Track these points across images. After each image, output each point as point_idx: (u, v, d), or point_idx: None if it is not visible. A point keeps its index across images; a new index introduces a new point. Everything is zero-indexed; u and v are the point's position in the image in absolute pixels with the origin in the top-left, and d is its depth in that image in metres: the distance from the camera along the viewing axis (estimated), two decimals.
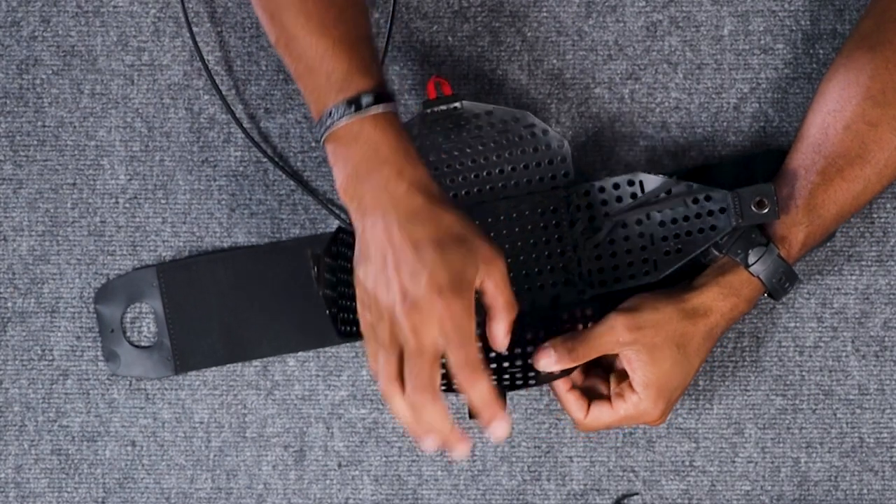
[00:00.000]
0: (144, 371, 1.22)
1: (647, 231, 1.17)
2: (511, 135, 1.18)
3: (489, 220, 1.19)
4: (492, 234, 1.18)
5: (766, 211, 1.14)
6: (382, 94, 1.05)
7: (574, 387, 1.16)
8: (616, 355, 1.14)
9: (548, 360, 1.12)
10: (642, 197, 1.17)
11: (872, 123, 1.13)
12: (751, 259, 1.14)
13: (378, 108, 1.04)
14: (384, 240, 1.03)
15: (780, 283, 1.15)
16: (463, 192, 1.19)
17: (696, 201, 1.16)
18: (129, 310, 1.22)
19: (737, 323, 1.22)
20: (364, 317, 1.06)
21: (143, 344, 1.22)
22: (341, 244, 1.14)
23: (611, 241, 1.18)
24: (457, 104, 1.17)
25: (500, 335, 1.06)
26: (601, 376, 1.17)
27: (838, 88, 1.14)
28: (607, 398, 1.15)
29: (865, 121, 1.13)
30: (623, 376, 1.14)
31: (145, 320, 1.23)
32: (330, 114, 1.05)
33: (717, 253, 1.15)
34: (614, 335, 1.12)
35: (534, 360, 1.13)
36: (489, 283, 1.05)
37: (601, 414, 1.14)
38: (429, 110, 1.16)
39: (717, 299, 1.14)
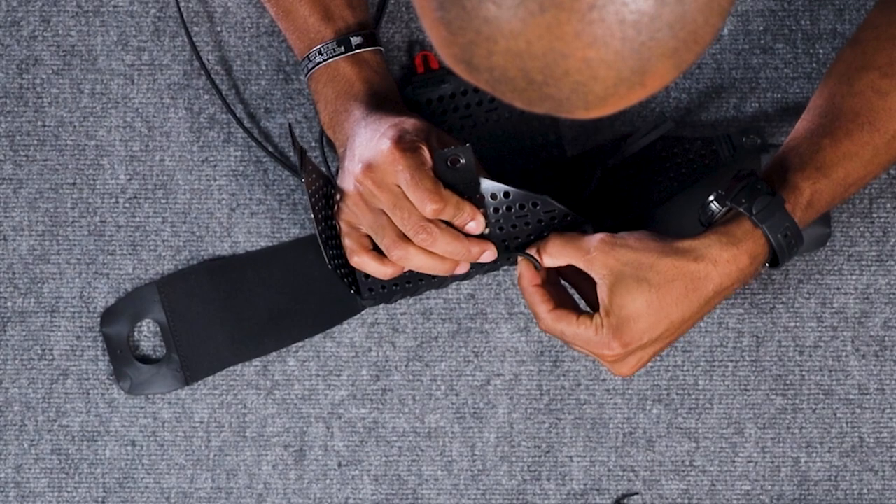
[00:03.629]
0: (157, 386, 1.21)
1: (639, 175, 1.18)
2: (500, 114, 1.19)
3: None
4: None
5: (754, 147, 1.18)
6: (371, 39, 1.12)
7: (545, 286, 1.11)
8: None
9: (529, 250, 1.10)
10: (632, 139, 1.18)
11: (881, 92, 1.09)
12: (755, 207, 1.06)
13: (353, 49, 1.12)
14: (353, 154, 1.09)
15: (787, 240, 1.07)
16: None
17: (685, 145, 1.17)
18: (133, 329, 1.22)
19: (737, 322, 1.22)
20: (346, 232, 1.12)
21: (151, 360, 1.22)
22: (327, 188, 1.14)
23: (605, 190, 1.18)
24: (444, 80, 1.19)
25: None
26: (546, 298, 1.11)
27: (845, 64, 1.11)
28: (571, 311, 1.09)
29: (874, 89, 1.09)
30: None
31: (151, 337, 1.23)
32: (309, 57, 1.13)
33: (717, 207, 1.08)
34: (589, 249, 1.07)
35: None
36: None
37: (564, 320, 1.08)
38: (417, 91, 1.18)
39: (712, 246, 1.06)
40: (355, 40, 1.12)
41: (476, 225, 1.09)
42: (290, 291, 1.21)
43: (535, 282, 1.10)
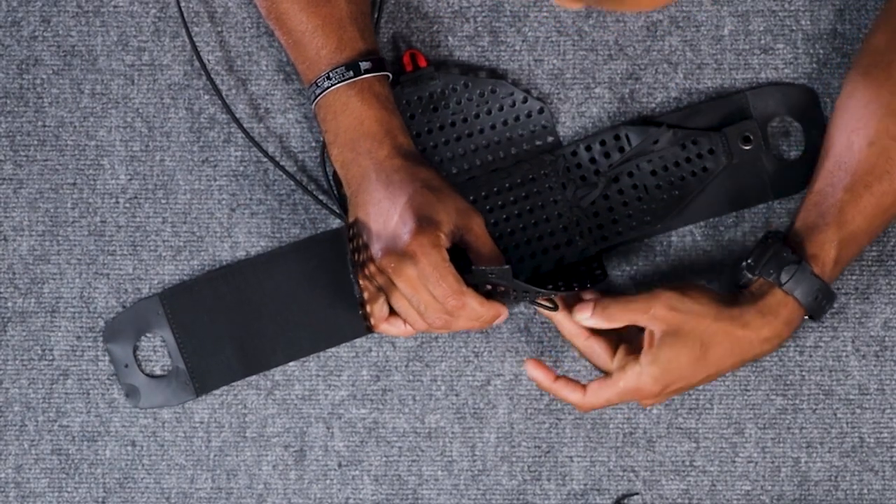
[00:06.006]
0: (166, 399, 1.21)
1: (640, 182, 1.19)
2: (491, 106, 1.20)
3: (483, 194, 1.20)
4: (487, 209, 1.19)
5: (750, 147, 1.19)
6: (379, 65, 1.12)
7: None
8: (639, 330, 1.14)
9: (584, 314, 1.14)
10: (630, 151, 1.19)
11: None
12: (783, 277, 1.12)
13: (359, 77, 1.11)
14: (366, 200, 1.11)
15: (818, 302, 1.13)
16: (453, 170, 1.20)
17: (683, 147, 1.18)
18: (139, 343, 1.22)
19: None
20: (370, 298, 1.14)
21: (159, 373, 1.22)
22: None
23: (606, 196, 1.19)
24: (433, 77, 1.19)
25: (491, 254, 1.13)
26: (607, 346, 1.16)
27: (859, 106, 1.14)
28: (606, 376, 1.15)
29: (890, 136, 1.12)
30: (632, 351, 1.14)
31: (157, 350, 1.22)
32: (317, 83, 1.12)
33: (749, 276, 1.14)
34: (651, 307, 1.12)
35: (573, 310, 1.14)
36: (469, 237, 1.12)
37: (601, 390, 1.14)
38: (406, 89, 1.18)
39: (755, 318, 1.13)
40: (364, 65, 1.12)
41: (501, 319, 1.14)
42: (296, 301, 1.21)
43: (549, 379, 1.16)
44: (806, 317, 1.15)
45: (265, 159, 1.23)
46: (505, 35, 1.23)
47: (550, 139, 1.21)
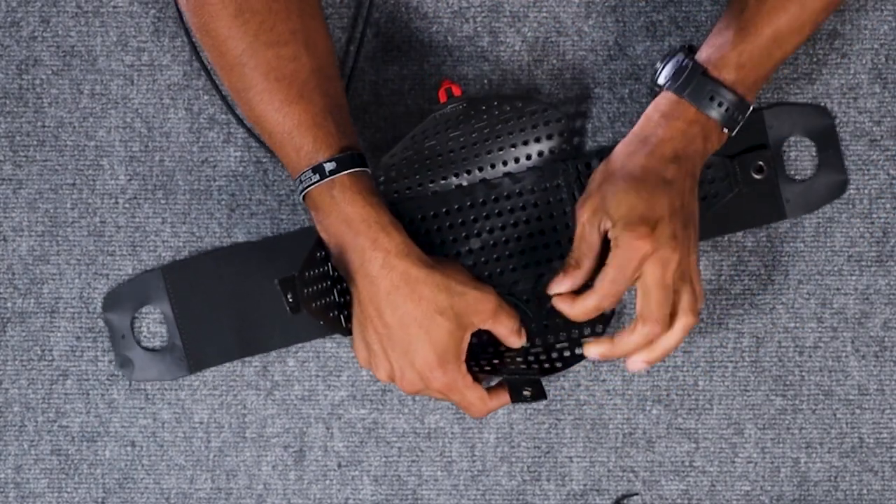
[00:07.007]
0: (159, 374, 1.22)
1: None
2: (512, 114, 1.19)
3: (493, 197, 1.19)
4: (496, 212, 1.19)
5: (762, 176, 1.17)
6: (347, 162, 1.08)
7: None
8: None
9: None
10: None
11: None
12: (673, 79, 1.11)
13: (342, 175, 1.08)
14: (373, 315, 1.09)
15: (716, 103, 1.10)
16: (466, 174, 1.19)
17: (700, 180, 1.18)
18: (137, 314, 1.22)
19: (737, 323, 1.22)
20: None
21: (155, 347, 1.22)
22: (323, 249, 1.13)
23: None
24: (462, 103, 1.17)
25: (515, 343, 1.13)
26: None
27: None
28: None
29: None
30: None
31: (155, 323, 1.23)
32: (301, 181, 1.09)
33: (656, 88, 1.13)
34: (578, 219, 1.10)
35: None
36: (485, 325, 1.11)
37: (611, 280, 1.09)
38: (437, 113, 1.16)
39: (649, 118, 1.11)
40: (329, 166, 1.08)
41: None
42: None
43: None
44: (724, 130, 1.11)
45: (265, 159, 1.23)
46: (505, 35, 1.23)
47: (563, 146, 1.20)
